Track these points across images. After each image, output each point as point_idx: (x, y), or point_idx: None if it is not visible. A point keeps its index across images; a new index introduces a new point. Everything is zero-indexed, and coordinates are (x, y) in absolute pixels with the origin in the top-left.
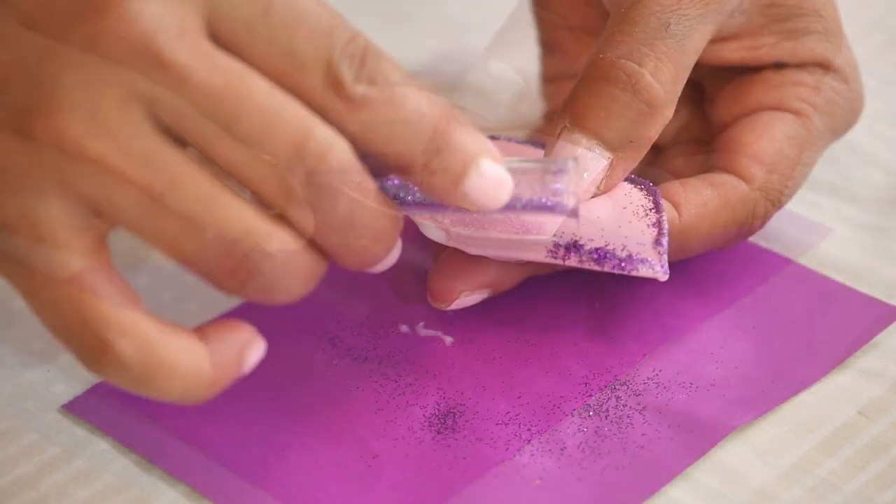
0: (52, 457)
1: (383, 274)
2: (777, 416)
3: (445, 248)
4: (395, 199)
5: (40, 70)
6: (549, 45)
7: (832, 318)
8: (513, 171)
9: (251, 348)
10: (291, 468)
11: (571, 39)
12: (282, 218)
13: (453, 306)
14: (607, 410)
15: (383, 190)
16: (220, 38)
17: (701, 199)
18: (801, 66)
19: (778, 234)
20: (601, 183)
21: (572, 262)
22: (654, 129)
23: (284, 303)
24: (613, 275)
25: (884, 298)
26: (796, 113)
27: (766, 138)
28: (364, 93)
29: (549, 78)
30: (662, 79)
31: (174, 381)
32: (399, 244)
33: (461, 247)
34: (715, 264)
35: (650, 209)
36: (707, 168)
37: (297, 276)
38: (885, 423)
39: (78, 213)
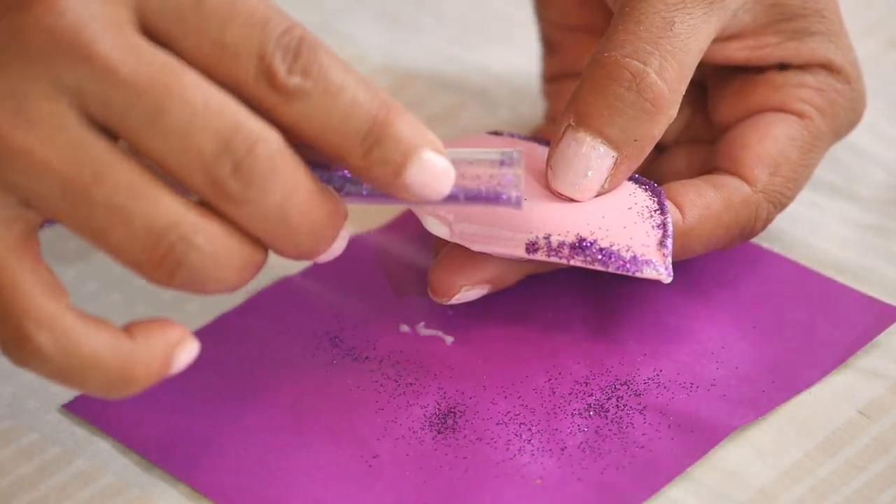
0: (53, 457)
1: (384, 273)
2: (778, 416)
3: (447, 243)
4: (341, 191)
5: None
6: (549, 45)
7: (833, 318)
8: (457, 163)
9: (181, 348)
10: (292, 468)
11: (572, 39)
12: (213, 210)
13: (453, 301)
14: (608, 410)
15: (328, 181)
16: (151, 31)
17: (704, 200)
18: (804, 67)
19: (779, 234)
20: (606, 181)
21: (577, 261)
22: (659, 128)
23: (220, 293)
24: (615, 275)
25: (884, 298)
26: (799, 115)
27: (768, 140)
28: (298, 84)
29: (550, 77)
30: (667, 77)
31: (95, 375)
32: (345, 235)
33: (464, 243)
34: (715, 264)
35: (655, 210)
36: (709, 168)
37: (229, 267)
38: (886, 423)
39: (6, 203)
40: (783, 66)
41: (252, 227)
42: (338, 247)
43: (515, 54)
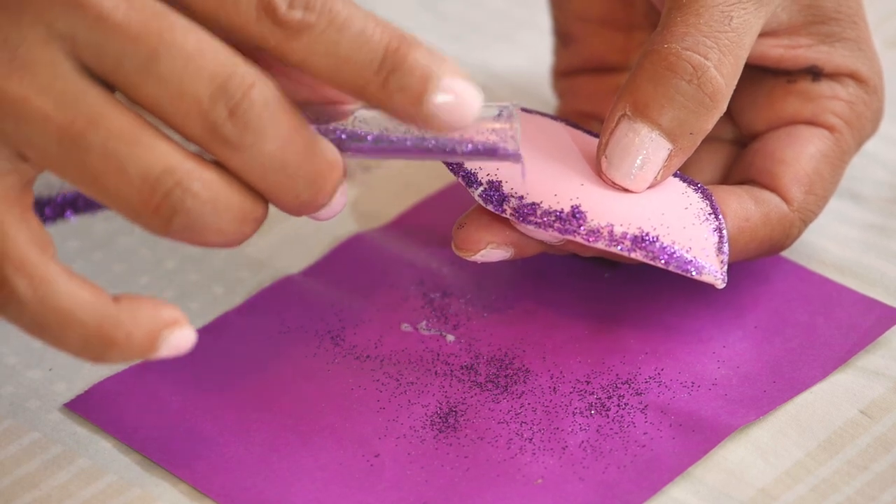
0: (54, 456)
1: (385, 272)
2: (779, 415)
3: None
4: (342, 148)
5: None
6: (565, 37)
7: (834, 319)
8: None
9: (171, 330)
10: (293, 466)
11: (591, 31)
12: (211, 159)
13: (477, 257)
14: (609, 409)
15: (326, 135)
16: None
17: (745, 212)
18: (834, 77)
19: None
20: (658, 173)
21: (637, 254)
22: (712, 122)
23: (220, 246)
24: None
25: (885, 298)
26: (830, 128)
27: (804, 157)
28: (301, 18)
29: (564, 71)
30: (724, 72)
31: (72, 330)
32: (344, 190)
33: (520, 223)
34: None
35: (709, 214)
36: (740, 176)
37: (227, 216)
38: (888, 423)
39: (2, 156)
40: (815, 75)
41: (250, 176)
42: (338, 202)
43: (516, 54)
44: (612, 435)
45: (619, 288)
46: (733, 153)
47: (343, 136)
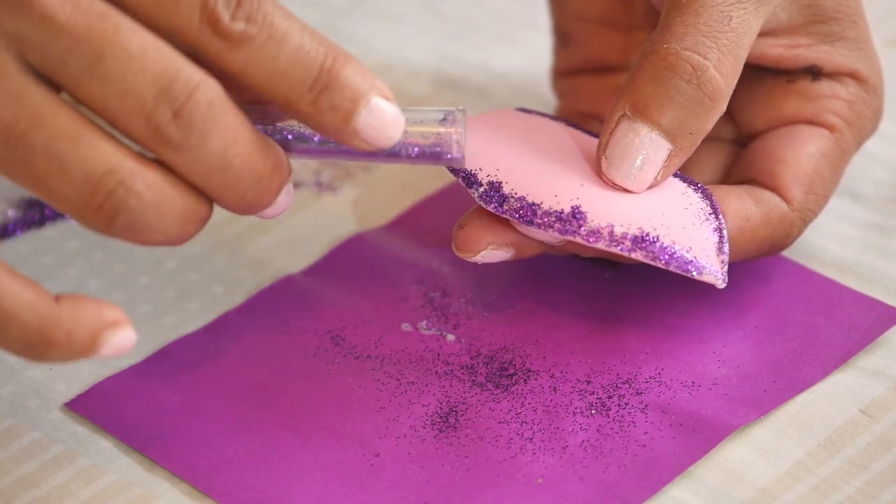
0: (54, 456)
1: (385, 271)
2: (779, 415)
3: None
4: (287, 149)
5: None
6: (565, 37)
7: (835, 319)
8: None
9: (114, 331)
10: (293, 466)
11: (591, 31)
12: (155, 159)
13: (478, 258)
14: (609, 409)
15: (270, 135)
16: None
17: (745, 212)
18: (834, 76)
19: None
20: (659, 174)
21: (638, 255)
22: (711, 122)
23: (163, 244)
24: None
25: (885, 297)
26: (830, 128)
27: (804, 157)
28: (242, 30)
29: (564, 71)
30: (724, 72)
31: (13, 330)
32: (289, 190)
33: (520, 223)
34: None
35: (710, 214)
36: (740, 175)
37: (170, 217)
38: (888, 423)
39: None
40: (814, 74)
41: (195, 177)
42: (282, 201)
43: (516, 53)
44: (613, 434)
45: (619, 288)
46: (733, 153)
47: (290, 137)
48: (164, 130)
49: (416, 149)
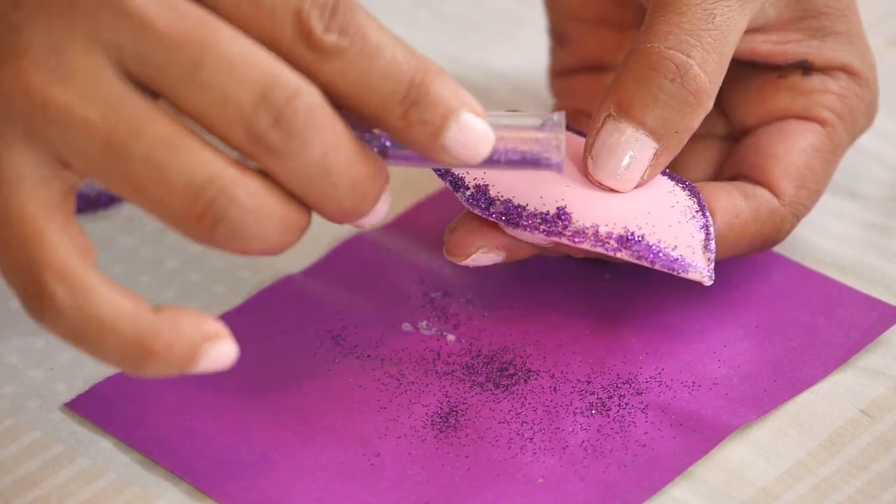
0: (55, 455)
1: (386, 271)
2: (780, 415)
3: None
4: (383, 155)
5: (5, 19)
6: (561, 37)
7: (835, 319)
8: (497, 127)
9: (213, 343)
10: (294, 466)
11: (586, 31)
12: (255, 168)
13: (468, 262)
14: (610, 409)
15: (368, 141)
16: None
17: (735, 208)
18: (825, 70)
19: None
20: (645, 173)
21: (623, 254)
22: (697, 121)
23: (263, 254)
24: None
25: (885, 296)
26: (822, 122)
27: (795, 151)
28: (335, 42)
29: (560, 71)
30: (708, 70)
31: (111, 340)
32: (386, 198)
33: (507, 226)
34: (718, 264)
35: (696, 211)
36: (733, 172)
37: (270, 225)
38: (889, 423)
39: (45, 163)
40: (805, 69)
41: (294, 184)
42: (381, 209)
43: (516, 53)
44: (613, 434)
45: (620, 288)
46: (725, 149)
47: (387, 143)
48: (264, 137)
49: (516, 155)
